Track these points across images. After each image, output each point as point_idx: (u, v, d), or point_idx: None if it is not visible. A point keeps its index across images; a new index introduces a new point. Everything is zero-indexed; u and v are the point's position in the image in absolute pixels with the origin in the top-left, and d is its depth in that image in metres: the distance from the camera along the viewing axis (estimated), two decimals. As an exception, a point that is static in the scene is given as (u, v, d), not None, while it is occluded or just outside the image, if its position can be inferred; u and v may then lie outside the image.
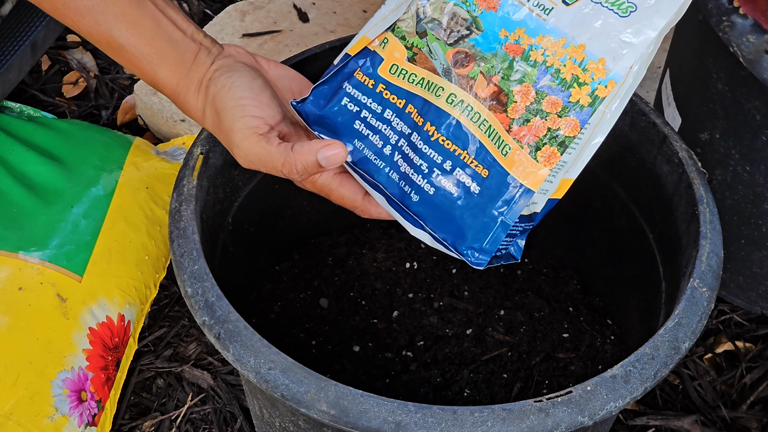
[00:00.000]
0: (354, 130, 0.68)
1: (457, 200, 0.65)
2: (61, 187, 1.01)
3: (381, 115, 0.67)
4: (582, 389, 0.62)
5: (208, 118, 0.68)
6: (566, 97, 0.63)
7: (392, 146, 0.67)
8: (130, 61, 0.67)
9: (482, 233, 0.65)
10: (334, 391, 0.61)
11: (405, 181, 0.66)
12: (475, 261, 0.65)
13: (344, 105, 0.68)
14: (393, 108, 0.67)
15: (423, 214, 0.66)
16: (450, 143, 0.65)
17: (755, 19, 0.83)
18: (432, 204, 0.66)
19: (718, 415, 1.00)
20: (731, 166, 0.93)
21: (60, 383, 0.89)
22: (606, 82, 0.62)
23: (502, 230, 0.65)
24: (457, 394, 0.88)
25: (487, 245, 0.65)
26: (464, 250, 0.65)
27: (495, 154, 0.64)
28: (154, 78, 0.68)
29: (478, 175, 0.64)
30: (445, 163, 0.65)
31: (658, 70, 1.28)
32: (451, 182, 0.65)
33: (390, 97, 0.67)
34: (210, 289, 0.67)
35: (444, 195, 0.65)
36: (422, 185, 0.66)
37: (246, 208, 0.87)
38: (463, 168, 0.65)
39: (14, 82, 1.14)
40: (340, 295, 0.97)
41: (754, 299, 1.06)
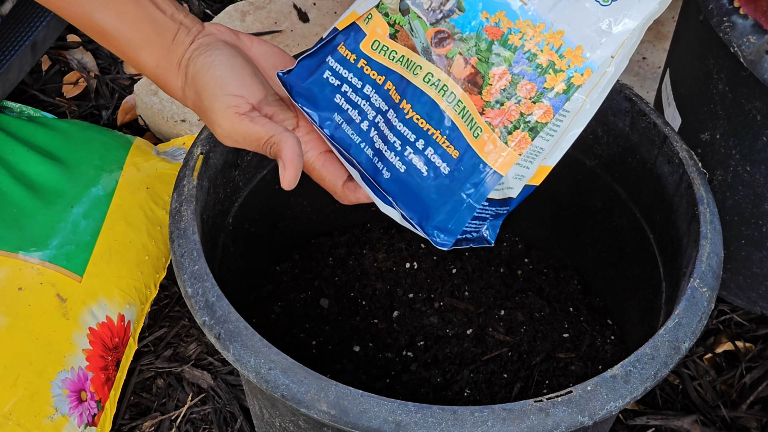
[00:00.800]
0: (334, 104, 0.68)
1: (426, 179, 0.65)
2: (61, 187, 1.01)
3: (361, 90, 0.68)
4: (582, 389, 0.62)
5: (188, 98, 0.68)
6: (541, 82, 0.63)
7: (369, 122, 0.67)
8: (111, 44, 0.68)
9: (448, 214, 0.65)
10: (334, 391, 0.61)
11: (378, 157, 0.67)
12: (440, 242, 0.65)
13: (326, 78, 0.68)
14: (372, 84, 0.67)
15: (393, 191, 0.66)
16: (424, 122, 0.65)
17: (756, 20, 0.83)
18: (402, 182, 0.66)
19: (718, 415, 1.00)
20: (732, 166, 0.93)
21: (60, 383, 0.89)
22: (582, 70, 0.62)
23: (468, 212, 0.65)
24: (457, 394, 0.88)
25: (452, 226, 0.65)
26: (430, 230, 0.65)
27: (467, 135, 0.64)
28: (136, 60, 0.68)
29: (449, 156, 0.64)
30: (418, 141, 0.65)
31: (658, 70, 1.28)
32: (422, 161, 0.65)
33: (370, 73, 0.67)
34: (210, 290, 0.67)
35: (414, 173, 0.65)
36: (394, 162, 0.66)
37: (246, 208, 0.87)
38: (435, 147, 0.65)
39: (14, 82, 1.14)
40: (340, 295, 0.97)
41: (754, 299, 1.06)
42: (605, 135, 0.88)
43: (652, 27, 1.34)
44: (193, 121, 1.20)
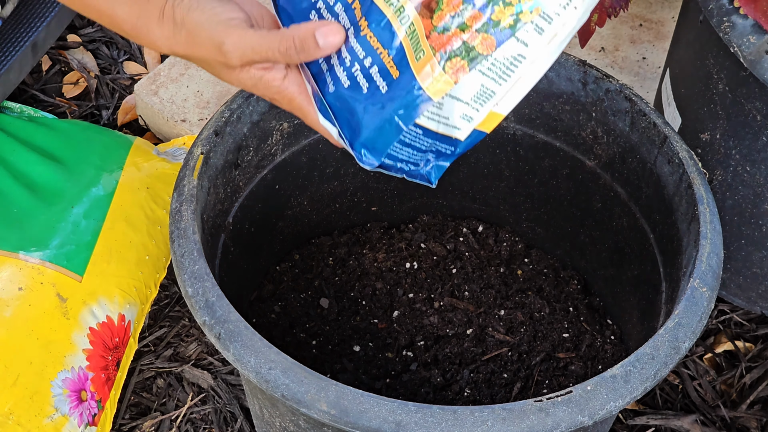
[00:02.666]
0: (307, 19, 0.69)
1: (365, 97, 0.66)
2: (62, 187, 1.01)
3: (332, 7, 0.68)
4: (582, 389, 0.62)
5: (180, 42, 0.67)
6: (490, 13, 0.63)
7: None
8: (85, 3, 0.67)
9: (375, 132, 0.65)
10: (334, 391, 0.61)
11: (330, 71, 0.67)
12: (365, 160, 0.65)
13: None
14: (344, 3, 0.68)
15: (334, 105, 0.67)
16: (375, 40, 0.65)
17: (756, 20, 0.83)
18: (344, 97, 0.66)
19: (718, 415, 1.00)
20: (732, 166, 0.93)
21: (60, 383, 0.89)
22: (532, 8, 0.62)
23: (395, 132, 0.65)
24: (457, 393, 0.88)
25: (378, 145, 0.65)
26: (357, 146, 0.66)
27: (410, 57, 0.64)
28: (112, 15, 0.67)
29: (390, 75, 0.65)
30: (366, 59, 0.65)
31: (658, 70, 1.28)
32: (364, 78, 0.65)
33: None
34: (210, 289, 0.67)
35: (356, 89, 0.66)
36: (341, 77, 0.66)
37: (246, 208, 0.87)
38: (379, 66, 0.65)
39: (15, 82, 1.14)
40: (340, 295, 0.97)
41: (754, 299, 1.06)
42: (605, 135, 0.88)
43: (652, 27, 1.34)
44: (193, 121, 1.20)
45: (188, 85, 1.24)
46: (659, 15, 1.36)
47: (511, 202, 1.01)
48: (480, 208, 1.04)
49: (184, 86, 1.23)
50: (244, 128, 0.83)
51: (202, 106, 1.21)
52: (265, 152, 0.87)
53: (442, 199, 1.04)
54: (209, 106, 1.21)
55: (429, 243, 1.02)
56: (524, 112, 0.92)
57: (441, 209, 1.05)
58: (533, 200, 0.99)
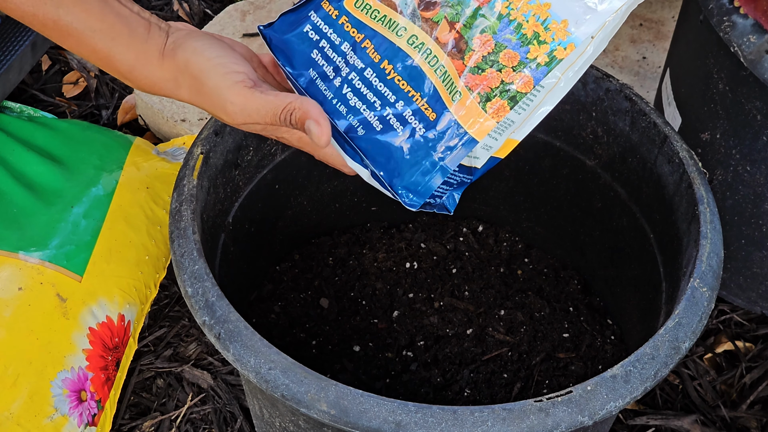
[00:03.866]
0: (310, 59, 0.69)
1: (401, 139, 0.66)
2: (61, 187, 1.01)
3: (338, 47, 0.68)
4: (582, 389, 0.62)
5: (183, 86, 0.67)
6: (524, 52, 0.63)
7: (342, 78, 0.67)
8: (80, 41, 0.65)
9: (420, 175, 0.66)
10: (334, 391, 0.61)
11: (353, 114, 0.67)
12: (408, 202, 0.66)
13: (306, 32, 0.69)
14: (351, 41, 0.67)
15: (366, 148, 0.67)
16: (405, 83, 0.65)
17: (756, 20, 0.83)
18: (376, 140, 0.66)
19: (718, 415, 1.00)
20: (732, 166, 0.93)
21: (60, 383, 0.89)
22: (566, 45, 0.63)
23: (441, 175, 0.65)
24: (457, 394, 0.88)
25: (422, 188, 0.66)
26: (399, 189, 0.66)
27: (445, 99, 0.65)
28: (109, 56, 0.66)
29: (426, 118, 0.65)
30: (398, 102, 0.66)
31: (658, 70, 1.28)
32: (399, 121, 0.66)
33: (350, 30, 0.67)
34: (210, 289, 0.67)
35: (390, 132, 0.66)
36: (371, 120, 0.66)
37: (246, 208, 0.87)
38: (413, 109, 0.65)
39: (14, 82, 1.14)
40: (340, 295, 0.97)
41: (755, 299, 1.06)
42: (605, 135, 0.88)
43: (652, 27, 1.34)
44: (193, 121, 1.20)
45: (188, 85, 1.23)
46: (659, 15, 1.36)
47: (511, 202, 1.01)
48: (480, 208, 1.04)
49: (184, 86, 1.23)
50: (243, 128, 0.83)
51: (201, 106, 1.21)
52: (265, 152, 0.87)
53: (442, 199, 1.03)
54: (209, 106, 1.21)
55: (429, 243, 1.02)
56: (524, 111, 0.92)
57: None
58: (533, 200, 0.99)
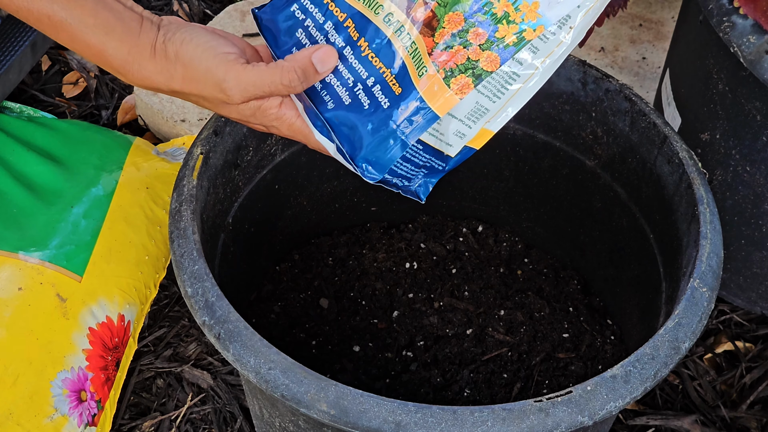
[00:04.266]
0: (294, 38, 0.69)
1: (367, 113, 0.66)
2: (61, 188, 1.01)
3: (322, 26, 0.69)
4: (582, 389, 0.62)
5: (176, 77, 0.67)
6: (493, 31, 0.64)
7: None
8: (73, 36, 0.65)
9: (379, 146, 0.66)
10: (334, 391, 0.61)
11: (327, 90, 0.68)
12: (368, 175, 0.66)
13: (293, 12, 0.70)
14: (334, 20, 0.68)
15: (333, 121, 0.67)
16: (377, 60, 0.66)
17: (756, 20, 0.83)
18: (344, 114, 0.67)
19: (718, 415, 1.00)
20: (731, 166, 0.93)
21: (60, 383, 0.89)
22: (535, 26, 0.63)
23: (400, 148, 0.66)
24: (457, 394, 0.88)
25: (382, 159, 0.66)
26: (360, 161, 0.66)
27: (413, 75, 0.65)
28: (102, 51, 0.66)
29: (392, 92, 0.66)
30: (369, 78, 0.66)
31: (658, 70, 1.28)
32: (367, 95, 0.66)
33: (334, 10, 0.68)
34: (210, 289, 0.67)
35: (357, 106, 0.67)
36: (342, 95, 0.67)
37: (246, 208, 0.87)
38: (382, 84, 0.66)
39: (14, 82, 1.14)
40: (340, 295, 0.97)
41: (755, 299, 1.06)
42: (605, 135, 0.88)
43: (652, 27, 1.34)
44: (193, 121, 1.20)
45: (188, 85, 1.23)
46: (659, 15, 1.36)
47: (511, 202, 1.01)
48: (480, 208, 1.04)
49: (184, 86, 1.23)
50: (243, 128, 0.83)
51: (201, 106, 1.21)
52: (265, 152, 0.87)
53: (442, 199, 1.03)
54: (209, 106, 1.21)
55: (429, 243, 1.02)
56: (524, 112, 0.92)
57: (441, 209, 1.05)
58: (533, 200, 0.99)
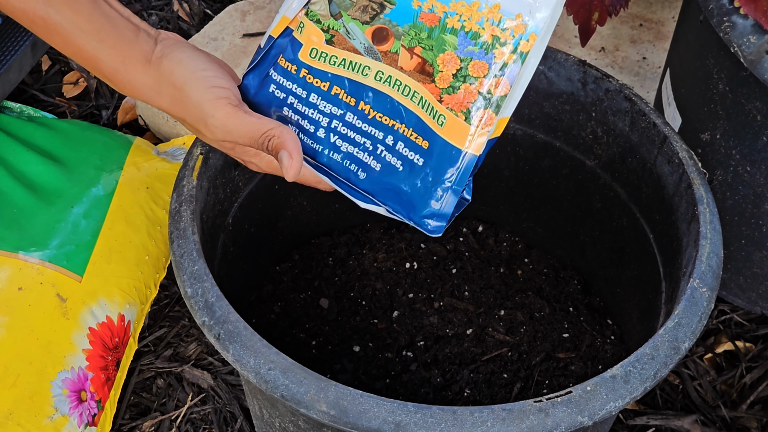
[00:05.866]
0: (284, 117, 0.69)
1: (403, 174, 0.67)
2: (61, 187, 1.01)
3: (306, 99, 0.68)
4: (582, 389, 0.62)
5: (164, 95, 0.66)
6: (491, 59, 0.64)
7: (325, 129, 0.68)
8: (66, 40, 0.65)
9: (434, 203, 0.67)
10: (334, 392, 0.61)
11: (350, 160, 0.68)
12: (432, 228, 0.67)
13: (272, 92, 0.69)
14: (317, 92, 0.68)
15: (372, 190, 0.68)
16: (387, 119, 0.66)
17: (756, 20, 0.83)
18: (380, 180, 0.67)
19: (718, 415, 1.00)
20: (732, 166, 0.93)
21: (60, 383, 0.89)
22: (527, 37, 0.63)
23: (454, 195, 0.66)
24: (457, 394, 0.88)
25: (440, 210, 0.67)
26: (418, 220, 0.67)
27: (431, 125, 0.65)
28: (94, 57, 0.65)
29: (419, 147, 0.66)
30: (387, 138, 0.66)
31: (658, 70, 1.28)
32: (394, 157, 0.66)
33: (314, 81, 0.68)
34: (210, 290, 0.67)
35: (390, 169, 0.67)
36: (368, 162, 0.67)
37: (246, 208, 0.87)
38: (404, 141, 0.66)
39: (14, 82, 1.14)
40: (340, 295, 0.97)
41: (755, 299, 1.06)
42: (605, 135, 0.88)
43: (652, 27, 1.34)
44: (193, 121, 1.20)
45: (188, 85, 1.23)
46: (659, 15, 1.36)
47: (511, 202, 1.01)
48: (480, 208, 1.04)
49: (184, 86, 1.23)
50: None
51: (201, 106, 1.21)
52: (265, 152, 0.87)
53: (442, 199, 1.03)
54: (209, 106, 1.21)
55: (429, 243, 1.02)
56: (524, 112, 0.92)
57: (441, 209, 1.05)
58: (533, 200, 0.99)
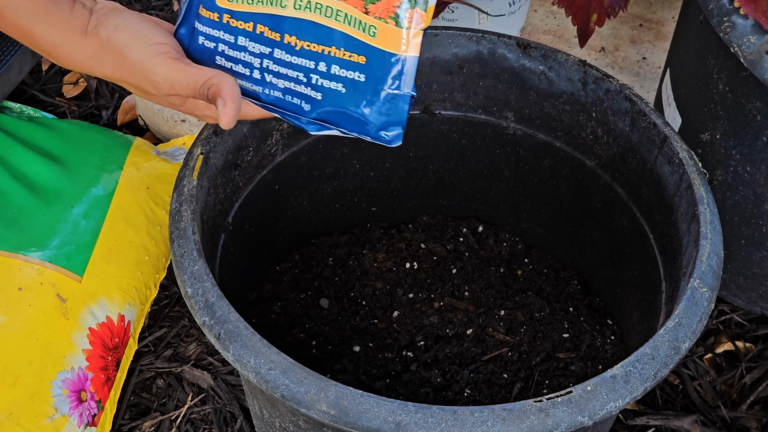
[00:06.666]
0: (220, 65, 0.69)
1: (347, 94, 0.66)
2: (61, 188, 1.01)
3: (235, 44, 0.68)
4: (582, 389, 0.62)
5: (106, 62, 0.67)
6: None
7: (259, 69, 0.68)
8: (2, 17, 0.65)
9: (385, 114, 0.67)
10: (334, 391, 0.61)
11: (290, 94, 0.68)
12: (390, 138, 0.67)
13: (202, 44, 0.69)
14: (244, 34, 0.68)
15: (322, 118, 0.68)
16: (316, 45, 0.66)
17: (756, 20, 0.83)
18: (326, 107, 0.67)
19: (718, 415, 1.00)
20: (732, 166, 0.93)
21: (60, 383, 0.89)
22: None
23: (404, 102, 0.66)
24: (457, 394, 0.88)
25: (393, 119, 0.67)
26: (375, 134, 0.67)
27: (364, 38, 0.65)
28: (31, 32, 0.66)
29: (357, 64, 0.66)
30: (320, 65, 0.66)
31: (658, 70, 1.28)
32: (334, 81, 0.66)
33: (238, 24, 0.68)
34: (210, 290, 0.67)
35: (333, 94, 0.67)
36: (308, 93, 0.67)
37: (246, 208, 0.87)
38: (339, 63, 0.66)
39: (14, 82, 1.14)
40: (340, 295, 0.97)
41: (755, 299, 1.06)
42: (605, 135, 0.88)
43: (652, 27, 1.34)
44: (193, 122, 1.20)
45: (188, 85, 1.23)
46: (659, 15, 1.36)
47: (511, 202, 1.01)
48: (480, 208, 1.04)
49: (184, 86, 1.23)
50: (243, 128, 0.83)
51: (201, 106, 1.21)
52: (265, 152, 0.87)
53: (442, 199, 1.04)
54: (209, 106, 1.21)
55: (429, 243, 1.02)
56: (524, 112, 0.92)
57: (441, 209, 1.05)
58: (533, 200, 0.99)
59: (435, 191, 1.03)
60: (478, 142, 0.96)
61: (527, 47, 0.88)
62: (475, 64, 0.90)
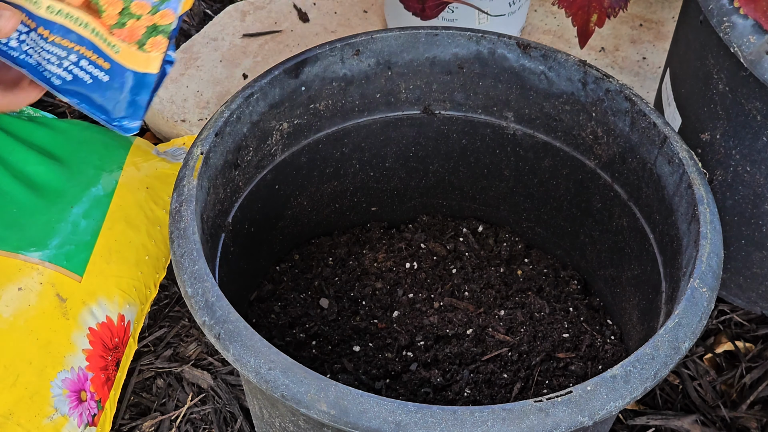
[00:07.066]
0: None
1: (92, 86, 0.73)
2: (61, 187, 1.01)
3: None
4: (582, 389, 0.62)
5: None
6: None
7: (17, 39, 0.73)
8: None
9: (124, 110, 0.73)
10: (334, 391, 0.61)
11: (42, 68, 0.73)
12: (127, 128, 0.74)
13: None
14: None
15: (69, 94, 0.73)
16: (67, 42, 0.72)
17: (756, 20, 0.83)
18: (73, 87, 0.73)
19: (718, 415, 1.00)
20: (732, 166, 0.93)
21: (60, 383, 0.89)
22: None
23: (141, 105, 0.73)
24: (457, 394, 0.88)
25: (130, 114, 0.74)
26: (112, 124, 0.74)
27: (108, 51, 0.71)
28: None
29: (101, 68, 0.72)
30: (71, 56, 0.72)
31: (658, 70, 1.28)
32: (82, 71, 0.72)
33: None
34: (210, 290, 0.67)
35: (80, 81, 0.73)
36: (59, 72, 0.73)
37: (246, 208, 0.87)
38: (87, 60, 0.72)
39: (14, 82, 1.14)
40: (340, 295, 0.97)
41: (755, 299, 1.06)
42: (605, 135, 0.88)
43: (652, 27, 1.34)
44: (193, 121, 1.20)
45: (188, 85, 1.24)
46: (659, 15, 1.36)
47: (511, 202, 1.01)
48: (480, 208, 1.04)
49: (184, 86, 1.23)
50: (243, 128, 0.83)
51: (201, 106, 1.21)
52: (265, 152, 0.87)
53: (442, 199, 1.04)
54: (209, 106, 1.21)
55: (429, 243, 1.02)
56: (524, 112, 0.92)
57: (441, 209, 1.05)
58: (533, 200, 0.99)
59: (435, 191, 1.03)
60: (478, 142, 0.96)
61: (527, 47, 0.88)
62: (475, 64, 0.90)
